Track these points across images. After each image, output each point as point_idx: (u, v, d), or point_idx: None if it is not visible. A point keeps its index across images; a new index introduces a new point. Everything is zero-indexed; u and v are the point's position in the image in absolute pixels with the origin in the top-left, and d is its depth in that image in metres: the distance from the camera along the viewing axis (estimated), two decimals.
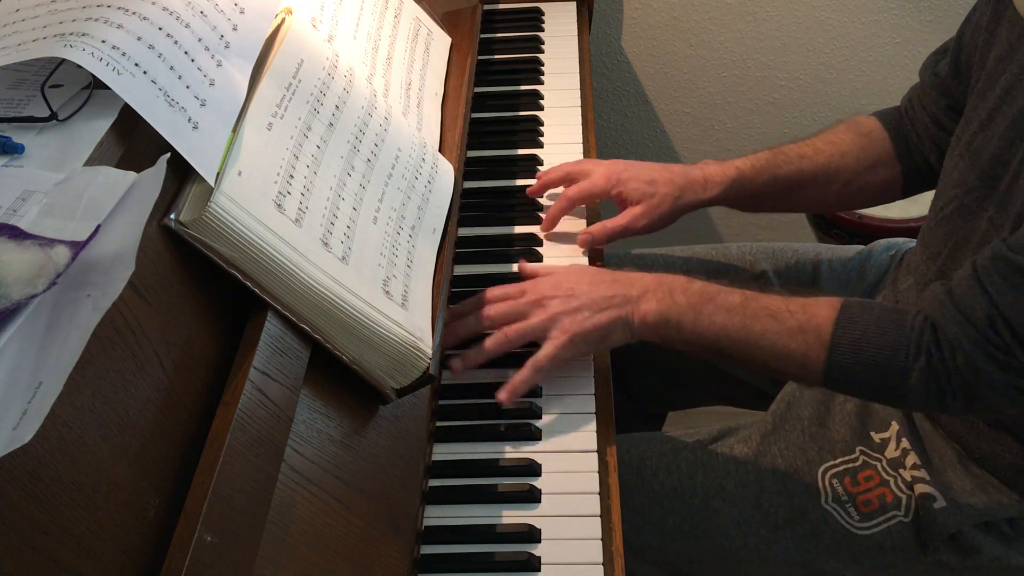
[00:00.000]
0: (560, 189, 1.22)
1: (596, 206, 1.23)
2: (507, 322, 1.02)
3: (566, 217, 1.20)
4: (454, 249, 1.06)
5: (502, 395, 0.99)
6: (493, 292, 1.05)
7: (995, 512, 1.04)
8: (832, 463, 1.10)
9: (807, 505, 1.09)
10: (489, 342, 1.01)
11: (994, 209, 0.97)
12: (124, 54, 0.72)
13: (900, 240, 1.32)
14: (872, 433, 1.10)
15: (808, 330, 0.96)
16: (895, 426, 1.10)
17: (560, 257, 1.18)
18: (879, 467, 1.09)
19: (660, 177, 1.17)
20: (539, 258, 1.17)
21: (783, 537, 1.10)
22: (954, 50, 1.11)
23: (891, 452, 1.09)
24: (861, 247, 1.32)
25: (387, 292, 0.87)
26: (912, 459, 1.07)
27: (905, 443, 1.08)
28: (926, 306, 0.94)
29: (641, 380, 1.37)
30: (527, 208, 1.24)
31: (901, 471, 1.08)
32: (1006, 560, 1.06)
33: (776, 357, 0.98)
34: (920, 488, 1.06)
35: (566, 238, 1.20)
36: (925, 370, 0.92)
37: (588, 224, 1.20)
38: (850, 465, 1.09)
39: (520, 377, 0.99)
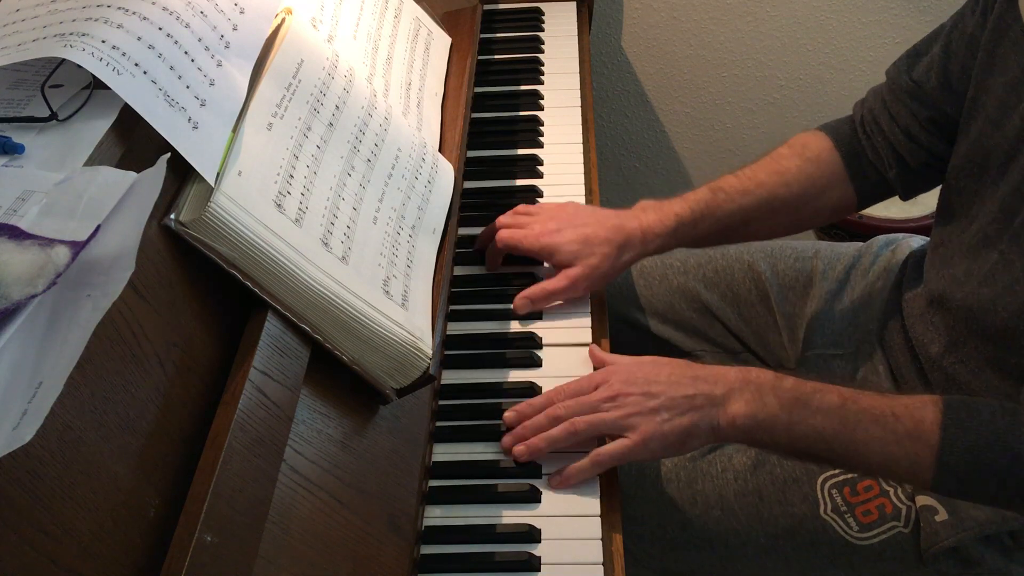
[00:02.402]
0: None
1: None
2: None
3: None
4: (454, 249, 1.06)
5: (555, 481, 0.95)
6: (563, 388, 0.99)
7: (998, 524, 1.03)
8: (831, 473, 1.08)
9: (806, 515, 1.08)
10: (557, 430, 0.95)
11: (1007, 243, 0.96)
12: (124, 54, 0.72)
13: (900, 236, 1.30)
14: None
15: (916, 437, 0.90)
16: None
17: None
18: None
19: (595, 235, 1.11)
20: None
21: (782, 546, 1.09)
22: (940, 60, 1.06)
23: None
24: (860, 244, 1.31)
25: (387, 292, 0.87)
26: None
27: None
28: None
29: None
30: None
31: None
32: (1007, 572, 1.05)
33: (881, 464, 0.92)
34: (921, 500, 1.05)
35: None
36: None
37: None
38: (849, 476, 1.08)
39: (577, 467, 0.94)
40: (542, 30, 1.55)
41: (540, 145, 1.34)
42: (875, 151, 1.14)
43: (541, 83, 1.44)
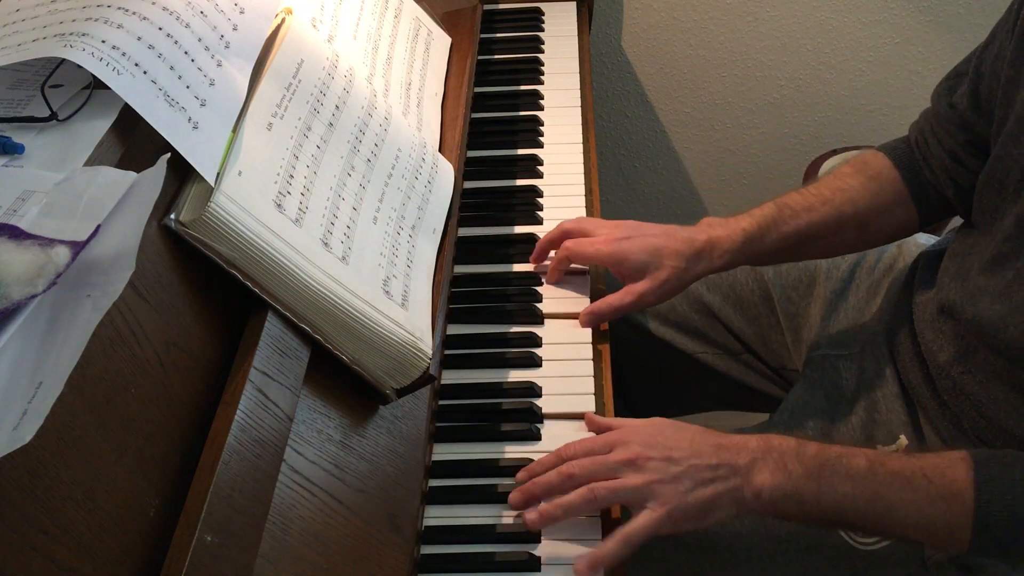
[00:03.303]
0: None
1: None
2: (594, 480, 0.90)
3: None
4: (454, 249, 1.06)
5: (581, 566, 0.87)
6: (575, 447, 0.93)
7: None
8: None
9: None
10: (575, 497, 0.89)
11: (1022, 261, 0.95)
12: (124, 54, 0.72)
13: None
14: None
15: (950, 497, 0.88)
16: (903, 440, 1.08)
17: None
18: None
19: (665, 247, 1.09)
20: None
21: (785, 550, 1.09)
22: (972, 80, 1.06)
23: None
24: None
25: (387, 292, 0.87)
26: None
27: None
28: None
29: (637, 387, 1.36)
30: (527, 208, 1.24)
31: None
32: None
33: (918, 528, 0.90)
34: None
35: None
36: None
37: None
38: None
39: (606, 550, 0.88)
40: (542, 30, 1.55)
41: (540, 145, 1.34)
42: (932, 171, 1.13)
43: (541, 83, 1.44)
